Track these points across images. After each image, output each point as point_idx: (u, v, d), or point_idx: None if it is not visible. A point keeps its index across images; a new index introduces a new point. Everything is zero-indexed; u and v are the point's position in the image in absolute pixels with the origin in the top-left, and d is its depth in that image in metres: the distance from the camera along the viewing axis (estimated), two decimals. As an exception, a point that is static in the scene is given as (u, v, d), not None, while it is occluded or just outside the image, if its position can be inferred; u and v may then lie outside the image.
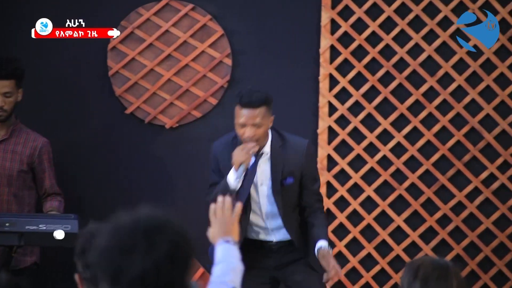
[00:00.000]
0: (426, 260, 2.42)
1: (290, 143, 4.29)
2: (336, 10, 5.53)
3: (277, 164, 4.23)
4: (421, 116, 5.47)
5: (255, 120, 4.18)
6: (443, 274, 2.36)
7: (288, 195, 4.27)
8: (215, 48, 5.62)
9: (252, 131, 4.18)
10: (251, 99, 4.19)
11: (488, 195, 5.39)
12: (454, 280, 2.36)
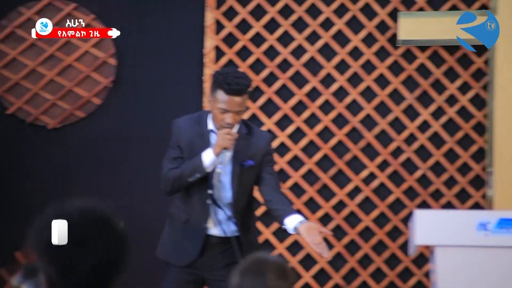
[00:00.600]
0: (252, 256, 2.50)
1: (255, 131, 4.15)
2: (220, 10, 5.56)
3: (240, 148, 4.05)
4: (305, 116, 5.56)
5: (239, 107, 3.99)
6: (261, 268, 2.44)
7: (245, 180, 4.08)
8: (98, 48, 5.58)
9: (233, 118, 3.99)
10: (240, 86, 3.96)
11: (368, 193, 5.53)
12: (271, 273, 2.44)
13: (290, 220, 4.05)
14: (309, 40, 5.57)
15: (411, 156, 5.51)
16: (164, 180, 4.08)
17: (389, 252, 5.49)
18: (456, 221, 4.37)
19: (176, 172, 4.03)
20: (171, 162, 4.08)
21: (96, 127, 5.54)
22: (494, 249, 4.26)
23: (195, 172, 4.01)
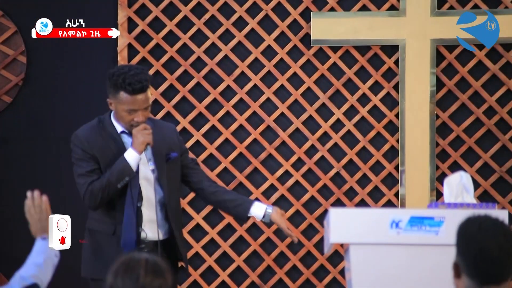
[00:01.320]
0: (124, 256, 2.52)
1: (159, 124, 4.04)
2: (132, 8, 5.53)
3: (156, 142, 3.88)
4: (219, 114, 5.57)
5: (146, 103, 3.87)
6: (131, 266, 2.43)
7: (172, 175, 3.95)
8: (8, 45, 5.48)
9: (142, 115, 3.86)
10: (142, 84, 3.85)
11: (283, 191, 5.58)
12: (142, 270, 2.45)
13: (256, 209, 4.05)
14: (222, 39, 5.58)
15: (325, 155, 5.58)
16: (88, 195, 3.86)
17: (304, 250, 5.55)
18: (370, 219, 4.43)
19: (101, 182, 3.84)
20: (89, 175, 3.88)
21: (7, 126, 5.44)
22: (406, 247, 4.35)
23: (123, 176, 3.84)
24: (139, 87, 3.85)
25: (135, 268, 2.41)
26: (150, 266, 2.42)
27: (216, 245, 5.55)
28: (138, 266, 2.42)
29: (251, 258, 5.55)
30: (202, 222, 5.55)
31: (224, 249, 5.55)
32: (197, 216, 5.55)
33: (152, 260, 2.44)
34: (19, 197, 5.40)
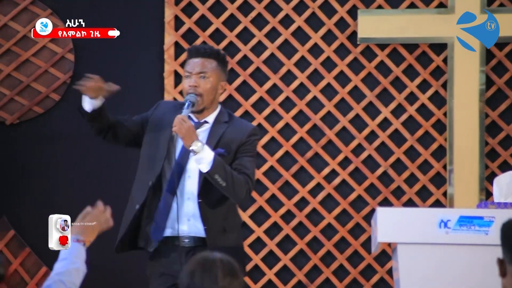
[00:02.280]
0: (198, 255, 2.49)
1: (237, 121, 3.88)
2: (179, 6, 5.54)
3: (215, 135, 3.78)
4: (265, 113, 5.56)
5: (202, 68, 3.77)
6: (208, 266, 2.42)
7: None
8: (56, 43, 5.52)
9: (195, 81, 3.76)
10: (200, 47, 3.81)
11: (330, 190, 5.55)
12: (219, 271, 2.44)
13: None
14: (269, 37, 5.57)
15: (372, 154, 5.55)
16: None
17: (351, 249, 5.52)
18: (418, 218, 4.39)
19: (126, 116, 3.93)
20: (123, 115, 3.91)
21: (55, 123, 5.48)
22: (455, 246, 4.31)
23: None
24: (195, 49, 3.83)
25: (212, 269, 2.40)
26: (226, 267, 2.42)
27: (263, 243, 5.54)
28: (215, 267, 2.41)
29: (298, 257, 5.53)
30: (248, 220, 5.54)
31: (271, 248, 5.54)
32: (243, 214, 5.54)
33: (226, 260, 2.44)
34: (65, 194, 5.46)
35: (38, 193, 5.45)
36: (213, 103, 3.87)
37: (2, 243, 5.44)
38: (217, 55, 3.85)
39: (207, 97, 3.82)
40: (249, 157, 3.82)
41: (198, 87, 3.79)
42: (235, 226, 3.87)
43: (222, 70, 3.88)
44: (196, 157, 3.71)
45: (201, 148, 3.69)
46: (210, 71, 3.81)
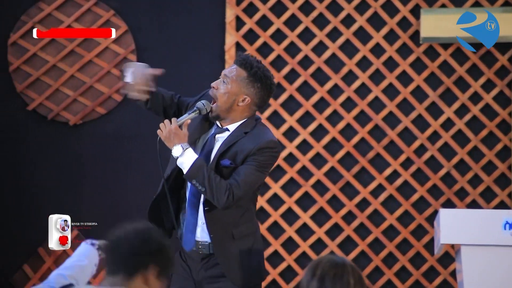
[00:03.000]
0: (324, 259, 2.44)
1: (256, 133, 3.74)
2: (240, 7, 5.54)
3: (228, 142, 3.70)
4: (326, 113, 5.53)
5: (229, 73, 3.72)
6: (339, 272, 2.39)
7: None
8: (119, 44, 5.55)
9: (217, 82, 3.74)
10: (240, 55, 3.75)
11: (392, 191, 5.50)
12: (351, 278, 2.39)
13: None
14: (330, 37, 5.54)
15: (435, 154, 5.48)
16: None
17: (413, 250, 5.46)
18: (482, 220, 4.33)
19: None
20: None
21: (117, 124, 5.52)
22: (520, 248, 4.24)
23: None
24: (238, 55, 3.79)
25: (344, 275, 2.38)
26: (356, 274, 2.40)
27: (324, 244, 5.51)
28: (347, 273, 2.38)
29: (359, 258, 5.49)
30: (309, 221, 5.52)
31: (332, 249, 5.50)
32: (304, 215, 5.52)
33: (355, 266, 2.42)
34: (127, 193, 5.50)
35: (101, 193, 5.49)
36: (230, 112, 3.76)
37: (65, 242, 5.49)
38: (249, 67, 3.73)
39: (220, 102, 3.74)
40: (250, 165, 3.69)
41: (216, 90, 3.76)
42: (248, 233, 3.77)
43: (250, 84, 3.73)
44: (178, 162, 3.69)
45: (181, 152, 3.67)
46: (233, 79, 3.73)
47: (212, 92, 3.76)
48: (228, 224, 3.74)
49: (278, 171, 5.51)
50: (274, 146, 3.72)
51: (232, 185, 3.65)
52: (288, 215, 5.51)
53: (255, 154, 3.67)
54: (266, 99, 3.79)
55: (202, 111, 3.75)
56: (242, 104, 3.74)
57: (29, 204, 5.46)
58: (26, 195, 5.45)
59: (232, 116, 3.76)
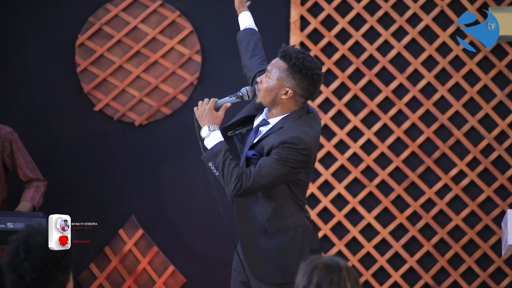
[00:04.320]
0: (320, 264, 2.40)
1: (287, 128, 3.70)
2: (305, 6, 5.52)
3: (262, 136, 3.72)
4: (391, 113, 5.49)
5: (269, 66, 3.73)
6: (336, 278, 2.35)
7: None
8: (184, 45, 5.59)
9: (262, 77, 3.75)
10: (281, 49, 3.74)
11: (458, 192, 5.43)
12: (348, 283, 2.36)
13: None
14: (396, 36, 5.50)
15: (502, 154, 5.39)
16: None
17: (480, 252, 5.38)
18: (551, 221, 4.25)
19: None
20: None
21: (182, 124, 5.55)
22: None
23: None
24: (280, 49, 3.78)
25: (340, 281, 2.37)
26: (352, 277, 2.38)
27: (388, 245, 5.47)
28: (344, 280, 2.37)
29: (424, 259, 5.43)
30: (373, 221, 5.48)
31: (396, 249, 5.45)
32: (368, 215, 5.48)
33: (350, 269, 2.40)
34: (193, 192, 5.52)
35: (165, 192, 5.53)
36: (275, 105, 3.75)
37: (131, 242, 5.54)
38: (289, 59, 3.72)
39: (263, 96, 3.74)
40: (269, 158, 3.65)
41: (259, 84, 3.76)
42: (283, 229, 3.72)
43: (290, 75, 3.72)
44: (205, 142, 3.74)
45: (207, 134, 3.71)
46: (274, 72, 3.73)
47: (257, 87, 3.76)
48: (256, 217, 3.71)
49: (342, 171, 5.48)
50: (297, 143, 3.65)
51: (244, 174, 3.64)
52: (352, 216, 5.48)
53: (277, 147, 3.64)
54: (312, 89, 3.74)
55: (244, 97, 3.77)
56: (286, 97, 3.73)
57: (95, 204, 5.53)
58: (92, 195, 5.52)
59: (278, 109, 3.75)
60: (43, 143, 5.50)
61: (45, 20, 5.49)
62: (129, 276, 5.55)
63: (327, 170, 5.48)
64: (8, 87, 5.49)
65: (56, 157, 5.51)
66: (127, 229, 5.55)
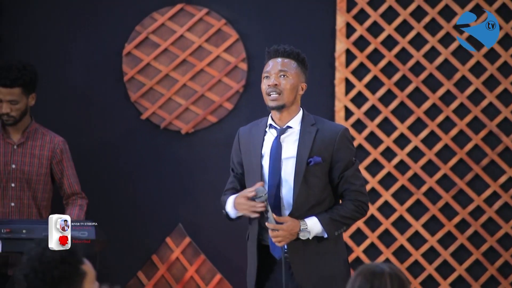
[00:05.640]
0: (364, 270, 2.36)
1: (324, 124, 3.71)
2: (351, 13, 5.50)
3: (306, 141, 3.64)
4: (438, 120, 5.44)
5: (283, 67, 3.68)
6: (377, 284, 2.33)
7: (310, 182, 3.63)
8: (230, 53, 5.60)
9: (275, 79, 3.67)
10: (280, 47, 3.72)
11: (507, 199, 5.36)
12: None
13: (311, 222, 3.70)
14: (443, 42, 5.45)
15: (552, 161, 5.33)
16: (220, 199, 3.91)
17: (530, 260, 5.32)
18: None
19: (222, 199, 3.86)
20: (228, 184, 3.89)
21: (228, 132, 5.55)
22: None
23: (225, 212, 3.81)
24: (276, 49, 3.74)
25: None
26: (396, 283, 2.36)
27: (436, 253, 5.41)
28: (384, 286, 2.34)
29: (473, 267, 5.36)
30: (421, 229, 5.43)
31: (445, 258, 5.40)
32: (416, 223, 5.43)
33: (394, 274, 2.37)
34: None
35: (212, 201, 5.53)
36: (293, 104, 3.75)
37: (178, 250, 5.56)
38: (297, 55, 3.75)
39: (287, 96, 3.71)
40: (351, 167, 3.68)
41: (278, 85, 3.70)
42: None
43: (302, 71, 3.77)
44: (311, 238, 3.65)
45: (308, 232, 3.64)
46: (291, 71, 3.72)
47: (276, 89, 3.70)
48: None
49: (389, 179, 5.45)
50: (349, 133, 3.77)
51: (357, 198, 3.67)
52: (399, 223, 5.44)
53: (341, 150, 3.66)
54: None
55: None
56: (301, 92, 3.78)
57: (143, 212, 5.55)
58: (140, 203, 5.54)
59: (293, 107, 3.75)
60: (90, 152, 5.55)
61: (93, 29, 5.54)
62: (177, 284, 5.56)
63: (374, 177, 5.45)
64: (56, 97, 5.55)
65: (103, 165, 5.55)
66: (174, 237, 5.57)
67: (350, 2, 5.49)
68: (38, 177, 4.89)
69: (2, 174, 4.87)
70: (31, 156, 4.90)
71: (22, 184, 4.89)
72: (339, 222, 3.65)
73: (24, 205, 4.90)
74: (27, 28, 5.55)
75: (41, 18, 5.55)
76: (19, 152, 4.91)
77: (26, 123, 4.93)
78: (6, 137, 4.92)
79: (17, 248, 4.40)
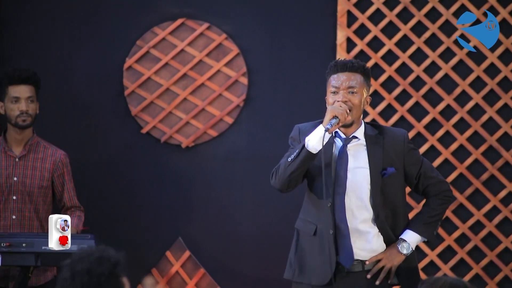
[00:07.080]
0: (445, 284, 2.35)
1: (387, 131, 3.76)
2: (352, 28, 5.52)
3: (376, 154, 3.68)
4: (439, 134, 5.45)
5: (350, 82, 3.69)
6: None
7: (389, 192, 3.70)
8: (230, 67, 5.61)
9: (344, 95, 3.67)
10: (347, 62, 3.72)
11: (507, 214, 5.36)
12: None
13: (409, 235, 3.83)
14: (443, 57, 5.46)
15: (552, 176, 5.33)
16: (273, 173, 3.77)
17: (531, 274, 5.32)
18: None
19: (282, 161, 3.73)
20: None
21: (228, 146, 5.56)
22: None
23: (298, 152, 3.63)
24: (342, 64, 3.75)
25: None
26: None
27: (436, 267, 5.41)
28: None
29: (473, 281, 5.35)
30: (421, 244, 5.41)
31: (445, 272, 5.39)
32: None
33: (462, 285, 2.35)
34: (239, 215, 5.53)
35: (212, 214, 5.54)
36: (359, 118, 3.79)
37: (178, 264, 5.55)
38: (363, 69, 3.77)
39: (356, 112, 3.74)
40: (423, 164, 3.81)
41: (348, 102, 3.71)
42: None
43: (367, 84, 3.80)
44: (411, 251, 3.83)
45: (409, 247, 3.82)
46: (358, 86, 3.73)
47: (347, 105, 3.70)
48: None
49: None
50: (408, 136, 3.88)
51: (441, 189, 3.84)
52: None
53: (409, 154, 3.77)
54: None
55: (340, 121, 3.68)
56: (367, 106, 3.84)
57: (143, 226, 5.55)
58: (140, 216, 5.54)
59: (358, 122, 3.79)
60: (91, 165, 5.55)
61: (94, 43, 5.56)
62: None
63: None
64: (57, 110, 5.56)
65: (104, 179, 5.55)
66: (174, 251, 5.57)
67: (351, 17, 5.51)
68: (40, 190, 4.90)
69: (4, 187, 4.88)
70: (33, 168, 4.91)
71: (24, 196, 4.89)
72: (432, 223, 3.83)
73: (25, 218, 4.90)
74: (28, 42, 5.57)
75: (43, 32, 5.57)
76: (21, 165, 4.92)
77: (28, 136, 4.94)
78: (8, 149, 4.93)
79: (17, 261, 4.40)
